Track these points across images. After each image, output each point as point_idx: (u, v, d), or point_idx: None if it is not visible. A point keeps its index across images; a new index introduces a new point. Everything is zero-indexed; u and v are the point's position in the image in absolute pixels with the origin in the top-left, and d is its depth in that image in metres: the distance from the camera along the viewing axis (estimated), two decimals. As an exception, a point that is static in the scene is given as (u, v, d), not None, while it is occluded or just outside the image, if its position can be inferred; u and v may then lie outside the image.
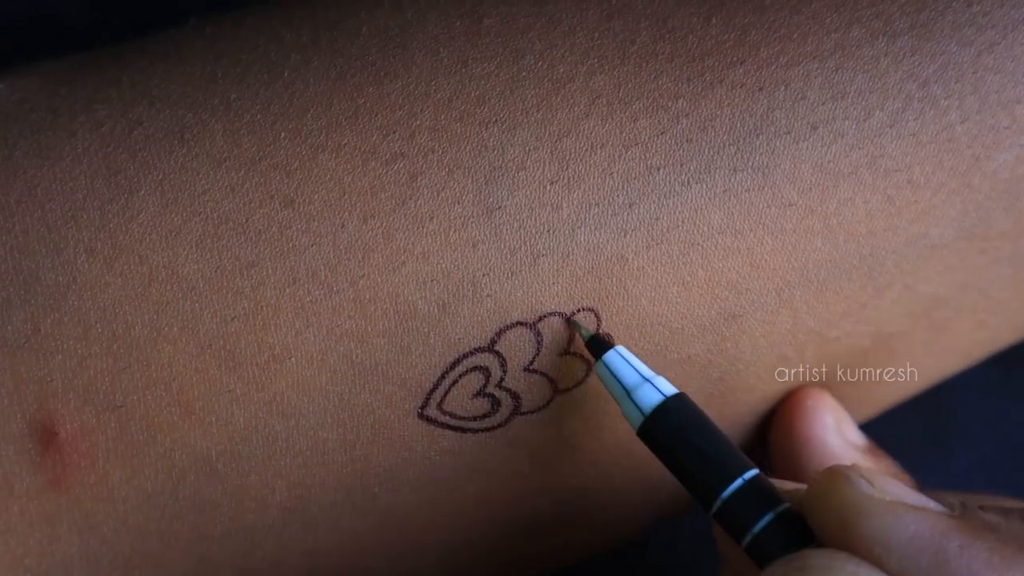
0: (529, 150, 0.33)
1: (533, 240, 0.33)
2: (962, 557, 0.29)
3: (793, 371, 0.37)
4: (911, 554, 0.29)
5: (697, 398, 0.35)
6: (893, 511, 0.30)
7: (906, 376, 0.40)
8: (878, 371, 0.39)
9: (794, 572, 0.29)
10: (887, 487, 0.30)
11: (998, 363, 0.42)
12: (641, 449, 0.36)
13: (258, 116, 0.34)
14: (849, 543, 0.30)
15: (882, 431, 0.38)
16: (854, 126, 0.34)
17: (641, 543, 0.48)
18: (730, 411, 0.37)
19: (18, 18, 0.47)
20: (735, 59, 0.34)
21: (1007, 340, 0.42)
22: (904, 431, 0.38)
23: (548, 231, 0.33)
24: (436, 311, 0.33)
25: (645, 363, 0.34)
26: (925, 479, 0.35)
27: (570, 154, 0.33)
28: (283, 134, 0.33)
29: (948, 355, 0.41)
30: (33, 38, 0.47)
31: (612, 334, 0.34)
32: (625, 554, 0.48)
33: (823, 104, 0.34)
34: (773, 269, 0.35)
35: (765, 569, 0.30)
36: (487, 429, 0.35)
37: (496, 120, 0.33)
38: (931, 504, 0.31)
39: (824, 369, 0.38)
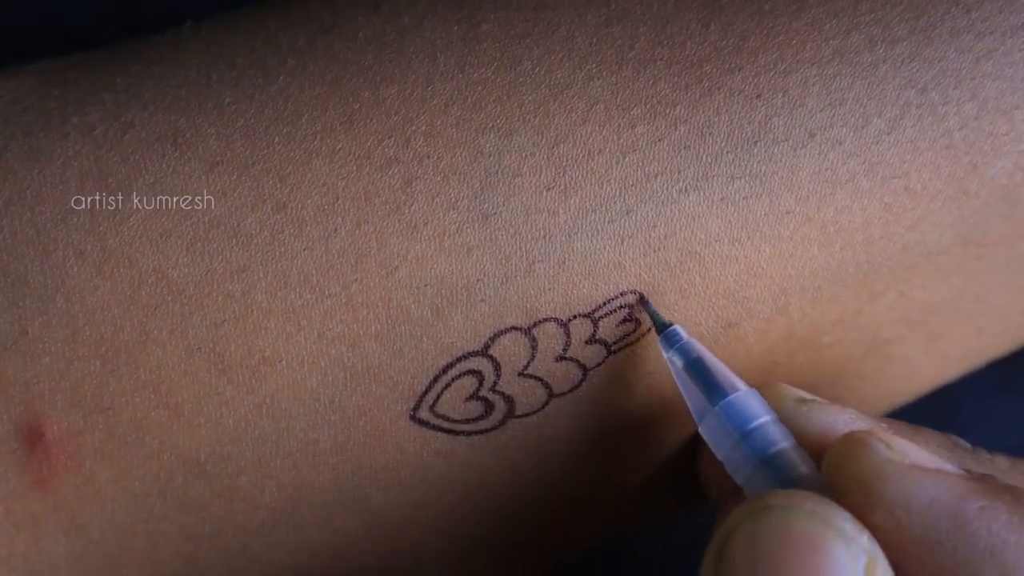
0: (526, 156, 0.33)
1: (529, 246, 0.33)
2: (982, 519, 0.30)
3: (781, 375, 0.37)
4: (931, 517, 0.30)
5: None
6: (912, 475, 0.30)
7: (903, 382, 0.40)
8: (875, 377, 0.39)
9: (754, 513, 0.30)
10: (906, 450, 0.31)
11: (998, 363, 0.42)
12: (637, 452, 0.36)
13: (252, 120, 0.33)
14: (869, 507, 0.30)
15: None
16: (852, 133, 0.34)
17: (641, 543, 0.48)
18: None
19: (19, 18, 0.47)
20: (733, 65, 0.34)
21: (1006, 347, 0.42)
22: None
23: (544, 237, 0.33)
24: (429, 315, 0.33)
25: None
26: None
27: (567, 160, 0.33)
28: (277, 139, 0.33)
29: (947, 362, 0.41)
30: (34, 38, 0.47)
31: (609, 341, 0.35)
32: (625, 553, 0.48)
33: (821, 111, 0.34)
34: (770, 277, 0.35)
35: (733, 511, 0.30)
36: (480, 432, 0.35)
37: (493, 126, 0.33)
38: (949, 467, 0.31)
39: (816, 372, 0.38)
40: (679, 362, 0.34)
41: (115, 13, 0.47)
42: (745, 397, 0.33)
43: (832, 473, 0.31)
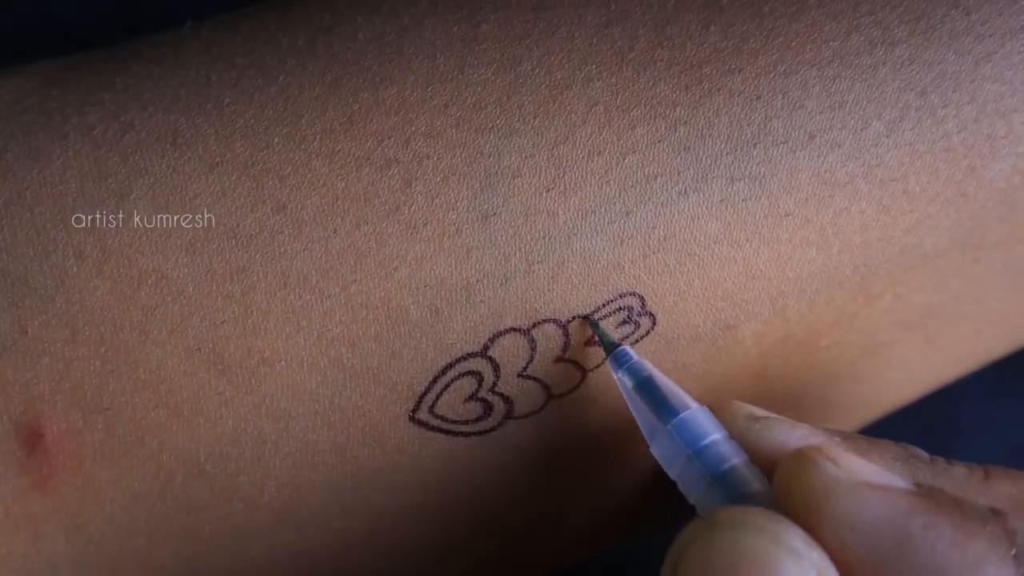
0: (525, 157, 0.33)
1: (528, 247, 0.33)
2: (926, 536, 0.29)
3: (776, 378, 0.37)
4: (875, 535, 0.29)
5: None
6: (858, 492, 0.30)
7: (901, 384, 0.40)
8: (871, 379, 0.39)
9: (705, 530, 0.30)
10: (853, 467, 0.31)
11: (996, 366, 0.42)
12: (637, 453, 0.36)
13: (252, 121, 0.33)
14: (815, 525, 0.30)
15: (881, 432, 0.38)
16: (851, 136, 0.34)
17: (639, 544, 0.48)
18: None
19: (19, 18, 0.47)
20: (733, 67, 0.34)
21: (1005, 349, 0.42)
22: (903, 431, 0.38)
23: (543, 238, 0.33)
24: (428, 316, 0.33)
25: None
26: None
27: (567, 161, 0.33)
28: (277, 139, 0.33)
29: (945, 364, 0.41)
30: (34, 38, 0.47)
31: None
32: (624, 554, 0.48)
33: (821, 113, 0.34)
34: (769, 279, 0.35)
35: (682, 531, 0.30)
36: (479, 432, 0.35)
37: (492, 126, 0.33)
38: (897, 482, 0.31)
39: (812, 376, 0.38)
40: (629, 382, 0.34)
41: (115, 13, 0.47)
42: (695, 415, 0.33)
43: (780, 491, 0.31)
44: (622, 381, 0.34)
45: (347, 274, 0.33)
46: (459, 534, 0.37)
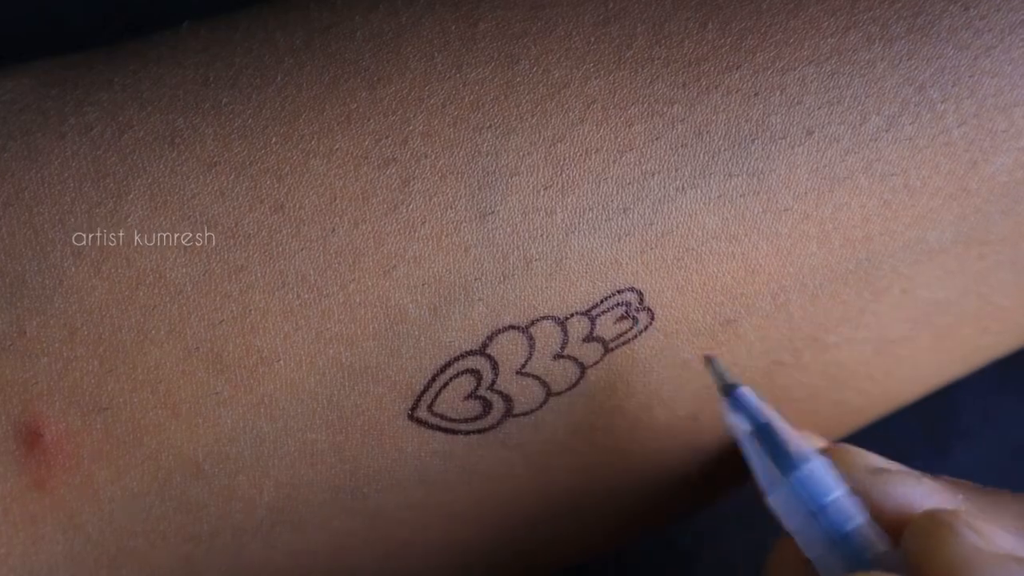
0: (523, 155, 0.33)
1: (526, 245, 0.33)
2: None
3: (788, 375, 0.37)
4: None
5: (692, 402, 0.35)
6: (1006, 566, 0.29)
7: (910, 383, 0.40)
8: (883, 377, 0.39)
9: None
10: (995, 538, 0.30)
11: (998, 363, 0.42)
12: (636, 451, 0.36)
13: (249, 120, 0.33)
14: None
15: (882, 431, 0.38)
16: (850, 131, 0.34)
17: (639, 544, 0.48)
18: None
19: (19, 18, 0.47)
20: (731, 64, 0.34)
21: (1011, 345, 0.41)
22: (904, 431, 0.38)
23: (541, 236, 0.33)
24: (427, 315, 0.33)
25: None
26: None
27: (564, 159, 0.33)
28: (274, 139, 0.33)
29: (952, 362, 0.40)
30: (34, 38, 0.47)
31: (607, 338, 0.34)
32: (624, 554, 0.48)
33: (819, 109, 0.34)
34: (769, 274, 0.35)
35: None
36: (478, 431, 0.35)
37: (490, 125, 0.33)
38: None
39: (826, 374, 0.38)
40: (747, 427, 0.33)
41: (115, 13, 0.47)
42: (819, 469, 0.32)
43: (916, 555, 0.30)
44: (738, 426, 0.33)
45: (345, 273, 0.33)
46: (458, 533, 0.37)
